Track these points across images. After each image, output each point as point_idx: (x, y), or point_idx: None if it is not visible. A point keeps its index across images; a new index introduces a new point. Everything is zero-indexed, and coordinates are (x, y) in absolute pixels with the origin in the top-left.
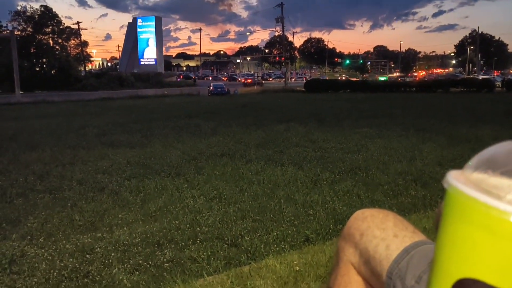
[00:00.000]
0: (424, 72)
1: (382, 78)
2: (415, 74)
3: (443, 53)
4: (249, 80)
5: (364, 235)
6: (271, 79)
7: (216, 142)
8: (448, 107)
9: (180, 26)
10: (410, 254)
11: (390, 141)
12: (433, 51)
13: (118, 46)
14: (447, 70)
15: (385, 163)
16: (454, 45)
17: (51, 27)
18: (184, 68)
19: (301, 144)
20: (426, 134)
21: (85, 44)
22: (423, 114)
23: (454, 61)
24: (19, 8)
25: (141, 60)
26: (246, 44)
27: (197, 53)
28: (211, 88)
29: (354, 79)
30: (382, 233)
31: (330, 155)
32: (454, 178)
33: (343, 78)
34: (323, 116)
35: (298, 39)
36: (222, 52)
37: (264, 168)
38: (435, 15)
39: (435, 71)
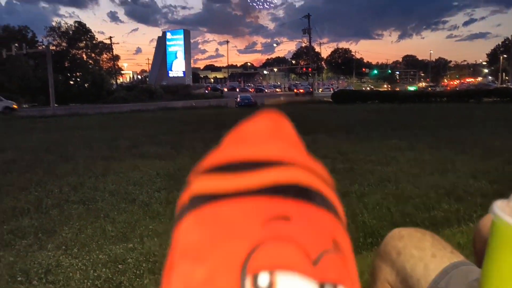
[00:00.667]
0: (456, 82)
1: (411, 88)
2: (446, 83)
3: (474, 62)
4: (301, 90)
5: (401, 254)
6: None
7: None
8: (481, 118)
9: (208, 39)
10: (449, 274)
11: (421, 153)
12: (464, 60)
13: (148, 59)
14: (479, 80)
15: (416, 176)
16: (486, 54)
17: (84, 42)
18: (212, 80)
19: (329, 156)
20: (459, 146)
21: (116, 58)
22: (455, 125)
23: (486, 70)
24: (54, 24)
25: (170, 72)
26: (273, 56)
27: (225, 65)
28: (239, 99)
29: (382, 89)
30: (419, 252)
31: (359, 167)
32: (501, 209)
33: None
34: (351, 127)
35: (325, 50)
36: (249, 63)
37: None
38: (466, 23)
39: (466, 80)
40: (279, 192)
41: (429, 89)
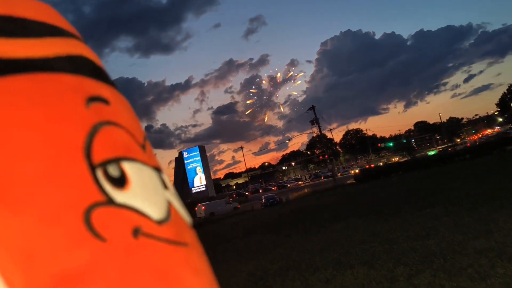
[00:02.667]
0: (474, 137)
1: (431, 153)
2: (464, 140)
3: (486, 114)
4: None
5: None
6: (323, 178)
7: (279, 256)
8: (510, 167)
9: (223, 149)
10: None
11: (459, 217)
12: (476, 114)
13: (170, 181)
14: (496, 130)
15: (461, 243)
16: (495, 104)
17: None
18: (234, 187)
19: (365, 240)
20: (497, 202)
21: None
22: (486, 181)
23: (500, 119)
24: None
25: (192, 189)
26: (288, 151)
27: (243, 169)
28: (263, 200)
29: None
30: None
31: (399, 246)
32: None
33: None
34: (380, 205)
35: (336, 134)
36: (266, 163)
37: (334, 274)
38: (466, 80)
39: (484, 133)
40: (80, 68)
41: (449, 149)
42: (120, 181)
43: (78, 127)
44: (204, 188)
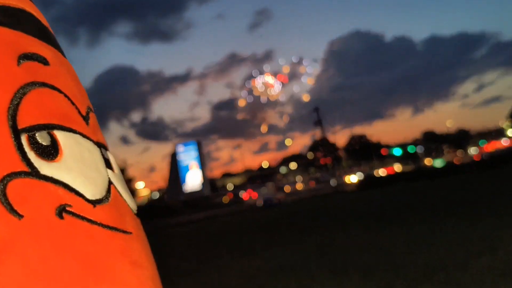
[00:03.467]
0: (482, 148)
1: (438, 163)
2: (473, 152)
3: (495, 126)
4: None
5: None
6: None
7: (273, 255)
8: None
9: (221, 146)
10: None
11: (463, 232)
12: (485, 126)
13: (164, 175)
14: (504, 141)
15: (464, 259)
16: (506, 116)
17: None
18: (231, 187)
19: (363, 249)
20: (503, 218)
21: (131, 180)
22: (494, 195)
23: (509, 133)
24: None
25: (187, 185)
26: (288, 152)
27: (240, 168)
28: (261, 201)
29: (408, 168)
30: None
31: (399, 258)
32: None
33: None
34: (382, 214)
35: (340, 138)
36: (265, 164)
37: (329, 278)
38: (475, 90)
39: (492, 145)
40: (18, 22)
41: (456, 161)
42: (50, 152)
43: (5, 85)
44: (200, 186)
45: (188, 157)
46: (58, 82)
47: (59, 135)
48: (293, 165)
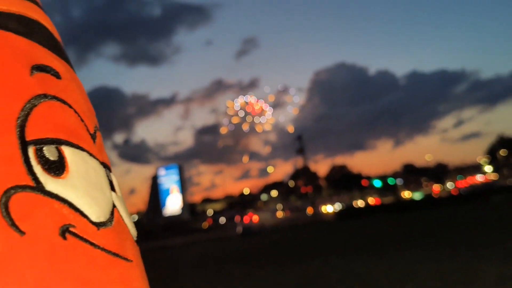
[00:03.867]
0: (459, 183)
1: (417, 196)
2: (450, 186)
3: (473, 162)
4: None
5: None
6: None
7: (254, 286)
8: (491, 217)
9: (202, 171)
10: None
11: (440, 264)
12: (463, 161)
13: (144, 198)
14: (481, 177)
15: None
16: (483, 152)
17: None
18: (211, 212)
19: (342, 279)
20: (480, 251)
21: None
22: (470, 229)
23: (487, 169)
24: None
25: (166, 209)
26: (270, 179)
27: (221, 194)
28: (240, 229)
29: (387, 200)
30: None
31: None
32: None
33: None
34: (360, 245)
35: (321, 167)
36: (246, 191)
37: None
38: (455, 125)
39: (471, 180)
40: (33, 33)
41: (434, 194)
42: (56, 167)
43: (16, 94)
44: (179, 211)
45: (169, 180)
46: (69, 97)
47: (66, 151)
48: (274, 193)
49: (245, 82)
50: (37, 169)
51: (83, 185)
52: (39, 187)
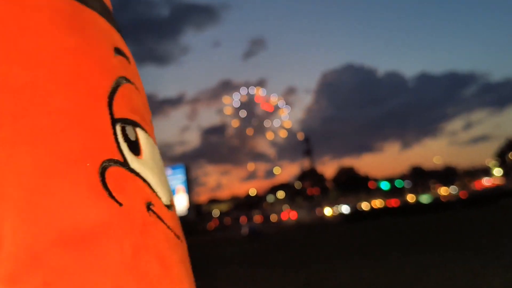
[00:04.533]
0: (469, 186)
1: (424, 199)
2: (459, 189)
3: (483, 165)
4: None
5: None
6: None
7: None
8: (505, 221)
9: (209, 171)
10: None
11: (447, 269)
12: (472, 164)
13: None
14: (491, 181)
15: None
16: (492, 155)
17: None
18: (217, 213)
19: (347, 284)
20: (487, 256)
21: None
22: (478, 233)
23: (495, 172)
24: None
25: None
26: (277, 180)
27: (228, 195)
28: (246, 230)
29: (394, 203)
30: None
31: None
32: None
33: (381, 203)
34: (366, 248)
35: (328, 169)
36: (252, 192)
37: None
38: (464, 128)
39: (480, 183)
40: (109, 15)
41: (442, 197)
42: (134, 148)
43: (106, 72)
44: (186, 211)
45: (176, 181)
46: (137, 82)
47: (140, 133)
48: (280, 194)
49: (252, 83)
50: (124, 146)
51: (155, 168)
52: (126, 164)
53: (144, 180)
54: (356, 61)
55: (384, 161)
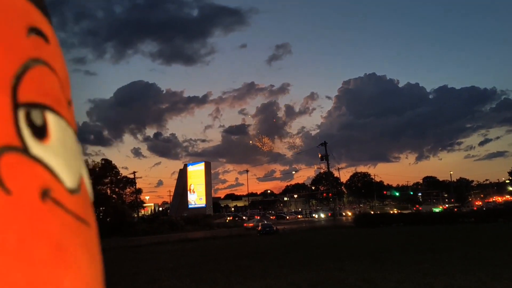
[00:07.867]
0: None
1: (436, 210)
2: (471, 203)
3: (497, 181)
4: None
5: None
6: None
7: (267, 286)
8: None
9: (228, 169)
10: None
11: (455, 279)
12: (487, 179)
13: (170, 191)
14: (505, 198)
15: None
16: (508, 172)
17: (109, 177)
18: (233, 209)
19: (356, 285)
20: (496, 269)
21: (139, 191)
22: (487, 247)
23: (511, 188)
24: None
25: (191, 203)
26: (292, 182)
27: (245, 193)
28: (260, 228)
29: (406, 211)
30: None
31: None
32: None
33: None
34: (377, 252)
35: (344, 174)
36: (268, 191)
37: None
38: (481, 143)
39: (492, 199)
40: None
41: (455, 209)
42: (40, 132)
43: (13, 55)
44: (203, 205)
45: (196, 176)
46: (55, 63)
47: (49, 117)
48: (295, 195)
49: (275, 87)
50: (25, 132)
51: (62, 152)
52: (25, 150)
53: (46, 166)
54: (379, 71)
55: (399, 170)
